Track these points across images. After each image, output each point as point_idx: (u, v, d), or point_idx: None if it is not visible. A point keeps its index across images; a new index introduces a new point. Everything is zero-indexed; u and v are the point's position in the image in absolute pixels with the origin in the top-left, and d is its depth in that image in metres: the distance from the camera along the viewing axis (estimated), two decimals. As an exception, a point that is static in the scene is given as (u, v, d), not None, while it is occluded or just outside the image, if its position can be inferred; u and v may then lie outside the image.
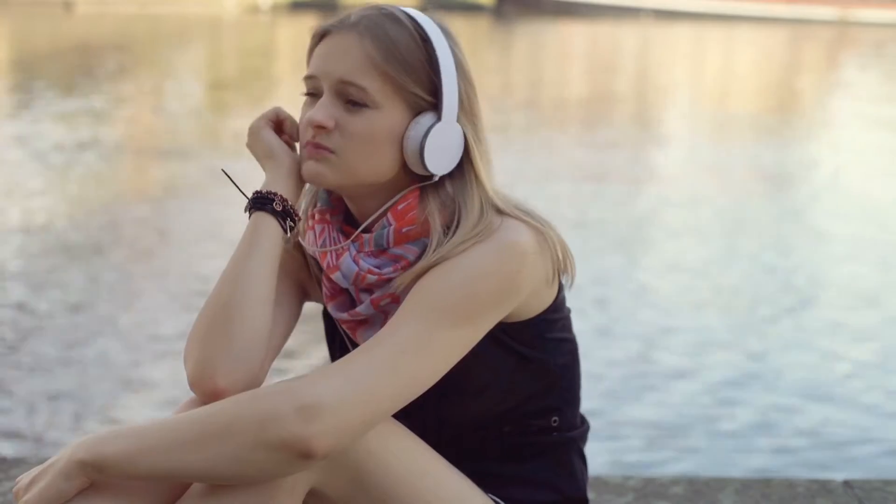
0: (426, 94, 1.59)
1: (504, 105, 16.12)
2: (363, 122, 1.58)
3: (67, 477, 1.46)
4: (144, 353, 5.67)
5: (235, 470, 1.44)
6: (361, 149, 1.59)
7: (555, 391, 1.71)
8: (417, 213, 1.61)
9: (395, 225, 1.62)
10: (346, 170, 1.60)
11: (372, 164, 1.60)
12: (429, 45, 1.59)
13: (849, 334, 6.32)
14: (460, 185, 1.62)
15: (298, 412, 1.41)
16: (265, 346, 1.57)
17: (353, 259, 1.63)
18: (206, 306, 1.58)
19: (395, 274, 1.61)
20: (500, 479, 1.71)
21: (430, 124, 1.58)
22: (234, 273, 1.57)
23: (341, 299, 1.69)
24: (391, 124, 1.59)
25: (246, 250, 1.59)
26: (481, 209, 1.59)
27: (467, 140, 1.62)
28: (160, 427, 1.46)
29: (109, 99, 15.94)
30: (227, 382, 1.52)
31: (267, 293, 1.58)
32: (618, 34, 34.59)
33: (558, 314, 1.69)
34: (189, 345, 1.57)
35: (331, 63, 1.59)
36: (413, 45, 1.59)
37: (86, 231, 8.34)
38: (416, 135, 1.58)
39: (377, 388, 1.47)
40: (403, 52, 1.58)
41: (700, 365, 5.66)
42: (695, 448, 4.63)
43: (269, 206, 1.60)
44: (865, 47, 31.14)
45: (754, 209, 9.88)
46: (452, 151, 1.61)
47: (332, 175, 1.61)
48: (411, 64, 1.58)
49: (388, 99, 1.58)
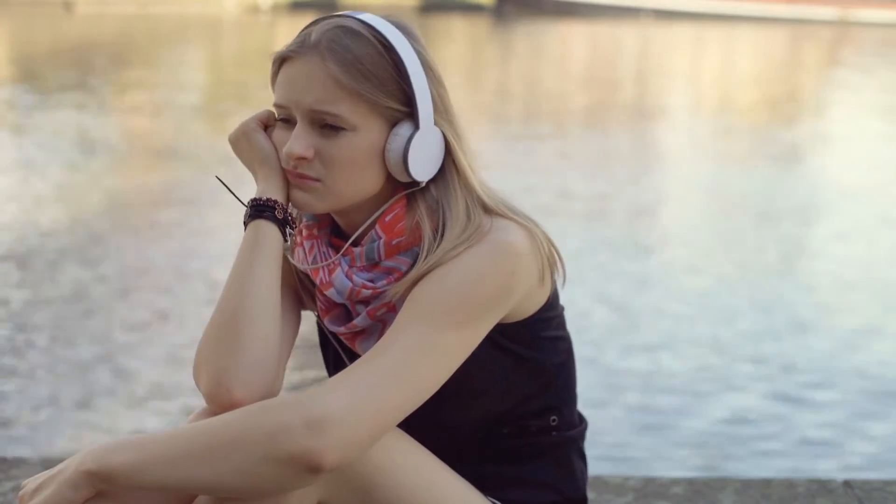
0: (399, 105, 1.57)
1: (504, 105, 16.10)
2: (342, 147, 1.56)
3: (74, 487, 1.46)
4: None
5: (243, 483, 1.44)
6: (345, 173, 1.57)
7: (552, 390, 1.71)
8: (406, 222, 1.61)
9: (385, 238, 1.61)
10: (334, 195, 1.59)
11: (357, 185, 1.59)
12: (393, 52, 1.56)
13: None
14: (444, 186, 1.61)
15: (307, 426, 1.40)
16: (277, 353, 1.56)
17: (345, 275, 1.63)
18: (214, 318, 1.57)
19: (390, 286, 1.60)
20: (500, 481, 1.70)
21: (409, 134, 1.57)
22: (239, 283, 1.57)
23: (336, 312, 1.68)
24: (370, 142, 1.57)
25: (249, 259, 1.58)
26: (468, 210, 1.59)
27: (447, 140, 1.61)
28: (168, 438, 1.46)
29: (109, 99, 15.93)
30: (244, 393, 1.51)
31: (275, 301, 1.57)
32: (618, 34, 34.56)
33: (552, 312, 1.69)
34: (199, 358, 1.56)
35: (298, 92, 1.56)
36: (377, 56, 1.56)
37: (85, 230, 8.34)
38: (397, 147, 1.57)
39: (384, 399, 1.46)
40: (369, 66, 1.55)
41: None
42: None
43: (269, 213, 1.59)
44: (866, 47, 31.13)
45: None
46: (435, 155, 1.60)
47: (320, 203, 1.60)
48: (379, 77, 1.55)
49: (362, 118, 1.56)
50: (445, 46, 26.35)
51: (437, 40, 27.49)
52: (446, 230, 1.57)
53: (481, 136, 12.37)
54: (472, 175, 1.62)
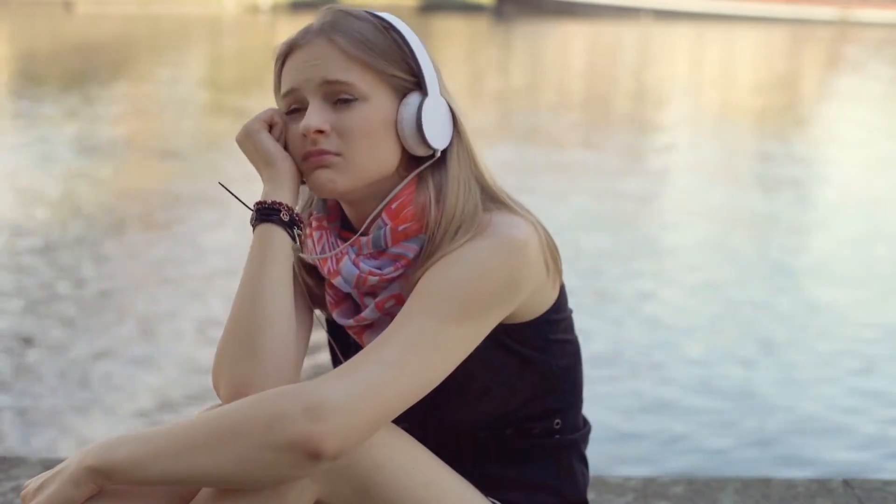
0: (406, 75, 1.60)
1: (503, 106, 16.12)
2: (357, 117, 1.58)
3: (76, 483, 1.46)
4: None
5: (244, 472, 1.43)
6: (363, 144, 1.58)
7: (557, 393, 1.71)
8: (412, 208, 1.61)
9: (391, 224, 1.61)
10: (355, 170, 1.59)
11: (376, 158, 1.60)
12: (393, 30, 1.61)
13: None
14: (454, 163, 1.61)
15: (306, 412, 1.40)
16: (294, 357, 1.56)
17: (352, 262, 1.63)
18: (229, 327, 1.56)
19: (397, 273, 1.61)
20: (501, 482, 1.70)
21: (420, 101, 1.59)
22: (252, 290, 1.56)
23: (346, 306, 1.68)
24: (383, 112, 1.59)
25: (259, 264, 1.57)
26: (473, 191, 1.60)
27: (453, 112, 1.63)
28: (168, 432, 1.46)
29: (109, 99, 15.94)
30: None
31: (289, 305, 1.57)
32: (618, 34, 34.57)
33: (561, 315, 1.69)
34: (217, 368, 1.56)
35: (308, 70, 1.59)
36: (379, 32, 1.60)
37: (85, 230, 8.34)
38: (409, 114, 1.59)
39: (385, 387, 1.46)
40: (374, 40, 1.59)
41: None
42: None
43: (275, 216, 1.59)
44: (865, 47, 31.14)
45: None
46: (445, 124, 1.62)
47: (342, 180, 1.59)
48: (384, 49, 1.59)
49: (373, 88, 1.58)
50: (445, 46, 26.36)
51: (438, 40, 27.49)
52: (455, 213, 1.58)
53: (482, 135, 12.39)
54: (478, 156, 1.64)
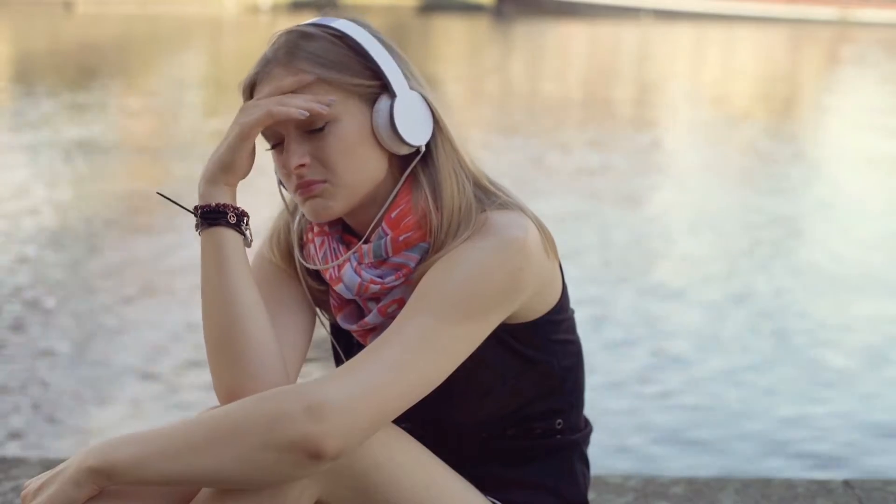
0: (370, 80, 1.59)
1: (504, 105, 16.11)
2: (333, 140, 1.57)
3: (77, 484, 1.46)
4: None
5: (244, 472, 1.43)
6: (346, 164, 1.58)
7: (559, 394, 1.71)
8: (412, 216, 1.60)
9: (392, 234, 1.61)
10: (346, 191, 1.59)
11: (363, 172, 1.59)
12: (346, 38, 1.59)
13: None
14: (439, 155, 1.61)
15: (306, 412, 1.40)
16: (279, 351, 1.56)
17: (354, 271, 1.63)
18: (205, 336, 1.57)
19: (398, 282, 1.61)
20: (502, 483, 1.70)
21: (390, 104, 1.58)
22: (215, 296, 1.55)
23: (349, 310, 1.68)
24: (357, 126, 1.58)
25: (216, 270, 1.56)
26: (465, 185, 1.60)
27: (429, 103, 1.61)
28: (169, 432, 1.46)
29: (109, 99, 15.94)
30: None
31: (256, 301, 1.56)
32: (618, 34, 34.58)
33: (563, 315, 1.69)
34: (212, 376, 1.57)
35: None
36: (331, 45, 1.58)
37: (85, 230, 8.34)
38: (383, 120, 1.58)
39: (385, 386, 1.46)
40: (328, 55, 1.57)
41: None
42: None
43: (223, 220, 1.58)
44: (865, 47, 31.15)
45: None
46: (422, 117, 1.60)
47: (335, 203, 1.59)
48: (342, 62, 1.58)
49: (341, 105, 1.57)
50: (445, 46, 26.36)
51: (437, 40, 27.49)
52: (454, 211, 1.57)
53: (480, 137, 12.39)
54: (462, 146, 1.63)
